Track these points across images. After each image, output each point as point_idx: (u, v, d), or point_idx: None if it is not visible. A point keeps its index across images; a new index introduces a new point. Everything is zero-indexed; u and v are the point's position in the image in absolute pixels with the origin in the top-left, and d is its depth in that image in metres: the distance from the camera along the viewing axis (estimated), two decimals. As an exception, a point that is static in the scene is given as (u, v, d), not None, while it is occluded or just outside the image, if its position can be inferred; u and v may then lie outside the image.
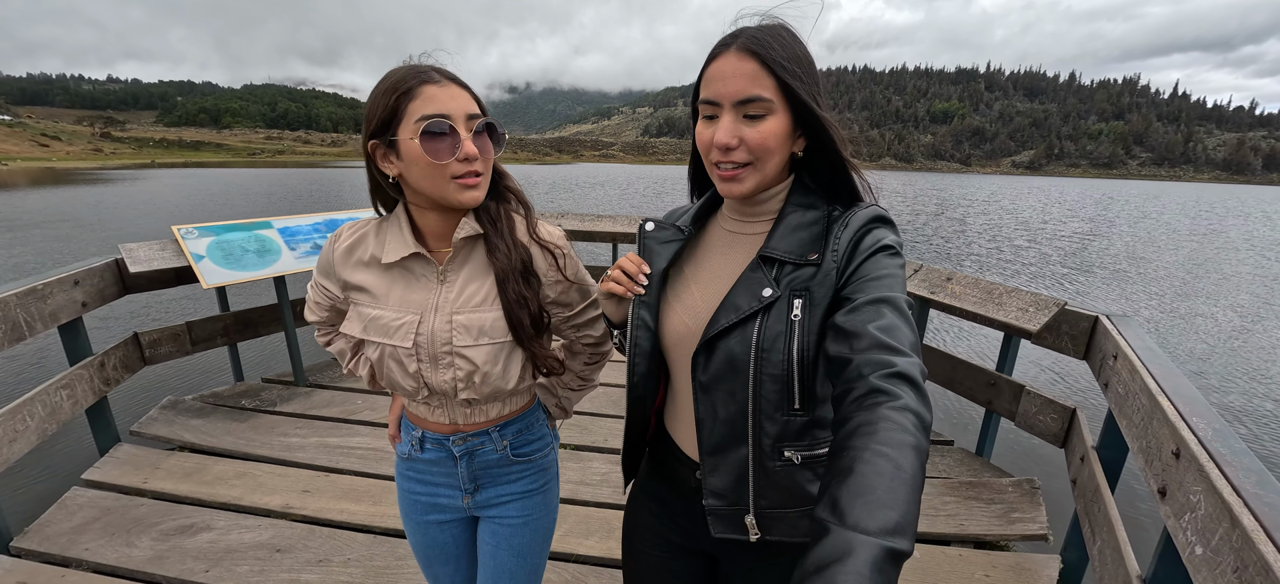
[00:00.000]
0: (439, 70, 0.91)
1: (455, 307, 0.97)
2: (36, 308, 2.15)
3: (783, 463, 0.82)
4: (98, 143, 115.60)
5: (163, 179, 40.88)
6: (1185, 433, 1.22)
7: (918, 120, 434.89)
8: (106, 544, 1.96)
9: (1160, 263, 13.04)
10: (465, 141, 0.88)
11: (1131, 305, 8.72)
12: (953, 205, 31.13)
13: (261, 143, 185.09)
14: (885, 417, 0.57)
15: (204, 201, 23.16)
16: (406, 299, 0.98)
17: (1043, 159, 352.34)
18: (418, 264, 0.99)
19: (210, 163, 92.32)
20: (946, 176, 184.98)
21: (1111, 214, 28.87)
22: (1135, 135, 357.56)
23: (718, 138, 0.78)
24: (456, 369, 0.97)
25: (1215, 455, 1.12)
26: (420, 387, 1.00)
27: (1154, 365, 1.58)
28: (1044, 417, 2.27)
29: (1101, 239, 17.47)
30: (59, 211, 17.49)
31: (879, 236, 0.76)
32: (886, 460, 0.52)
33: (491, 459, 1.09)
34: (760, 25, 0.79)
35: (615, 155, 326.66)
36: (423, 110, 0.86)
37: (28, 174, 46.60)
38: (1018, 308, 2.22)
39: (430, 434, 1.08)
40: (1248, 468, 1.08)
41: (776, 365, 0.78)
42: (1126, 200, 47.49)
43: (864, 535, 0.47)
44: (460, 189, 0.90)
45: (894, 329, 0.66)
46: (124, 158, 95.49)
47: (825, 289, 0.77)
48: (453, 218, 0.98)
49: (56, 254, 10.24)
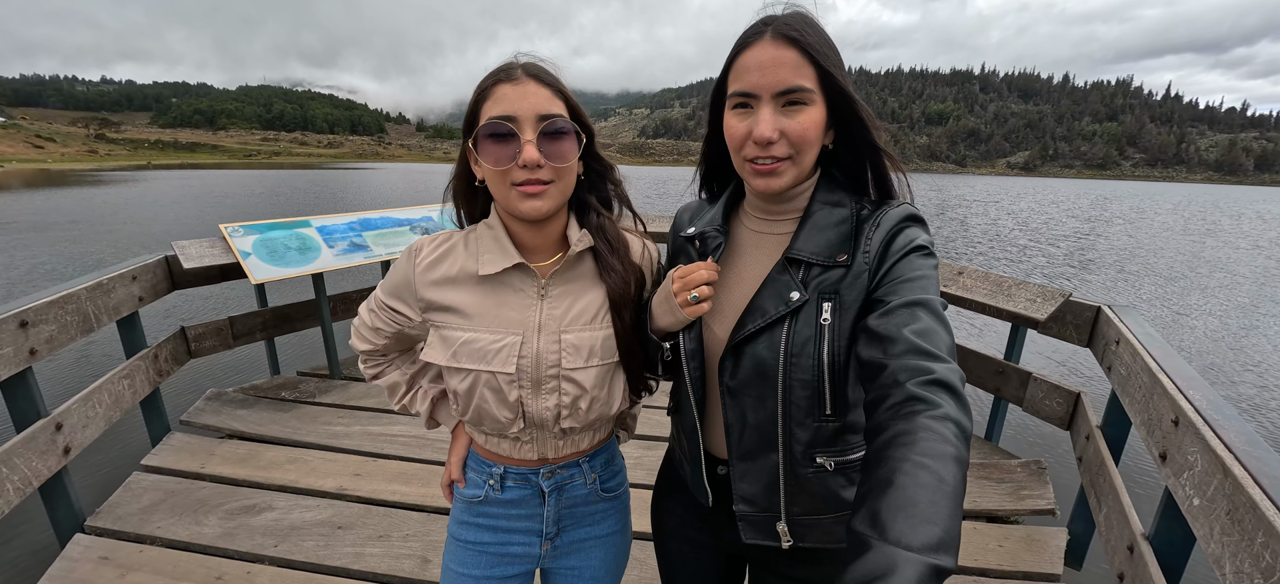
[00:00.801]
0: (526, 66, 0.85)
1: (563, 325, 0.89)
2: (103, 302, 2.28)
3: (815, 469, 0.80)
4: (93, 144, 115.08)
5: (163, 180, 40.77)
6: (1182, 404, 1.37)
7: (913, 122, 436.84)
8: (177, 522, 2.09)
9: (1162, 261, 13.27)
10: (527, 146, 0.80)
11: (1137, 300, 8.92)
12: (953, 206, 31.38)
13: (258, 144, 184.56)
14: (925, 426, 0.55)
15: (215, 202, 23.17)
16: (503, 318, 0.89)
17: (1037, 160, 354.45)
18: (517, 278, 0.90)
19: (206, 164, 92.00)
20: (942, 177, 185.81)
21: (1109, 214, 29.20)
22: (1129, 136, 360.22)
23: (760, 131, 0.74)
24: (562, 394, 0.89)
25: (1210, 420, 1.27)
26: (517, 417, 0.90)
27: (1153, 348, 1.74)
28: (1050, 401, 2.42)
29: (1102, 237, 17.72)
30: (68, 212, 17.50)
31: (912, 236, 0.74)
32: (928, 472, 0.51)
33: (580, 494, 1.01)
34: (790, 12, 0.76)
35: (612, 156, 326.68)
36: (491, 111, 0.82)
37: (22, 176, 46.38)
38: (1026, 299, 2.38)
39: (513, 470, 0.97)
40: (1238, 430, 1.22)
41: (806, 370, 0.76)
42: (1122, 200, 47.93)
43: (907, 552, 0.45)
44: (521, 197, 0.82)
45: (930, 333, 0.64)
46: (120, 159, 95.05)
47: (856, 292, 0.74)
48: (552, 225, 0.91)
49: (79, 257, 10.31)
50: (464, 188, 0.94)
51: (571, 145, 0.85)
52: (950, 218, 23.98)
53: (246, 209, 21.15)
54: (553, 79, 0.86)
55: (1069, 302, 2.29)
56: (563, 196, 0.87)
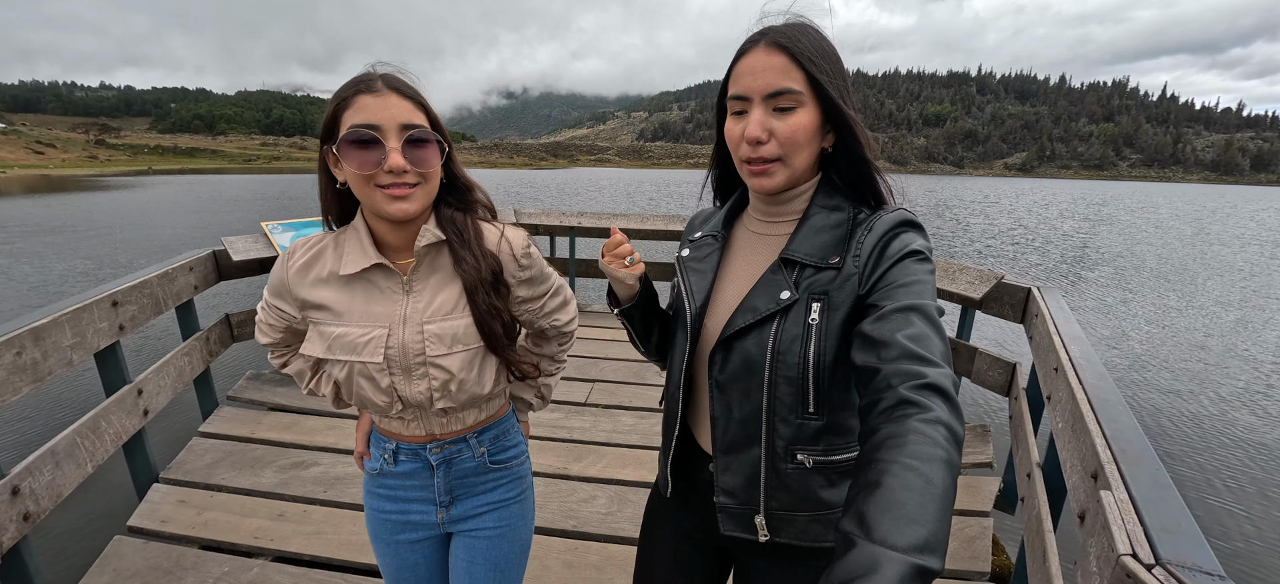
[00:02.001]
0: (386, 78, 0.90)
1: (425, 316, 0.96)
2: (168, 288, 2.63)
3: (795, 466, 0.82)
4: (93, 150, 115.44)
5: (168, 185, 41.00)
6: (1063, 355, 1.73)
7: (911, 123, 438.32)
8: (238, 474, 2.44)
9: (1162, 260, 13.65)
10: (392, 153, 0.86)
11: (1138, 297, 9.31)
12: (952, 206, 31.79)
13: (257, 149, 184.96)
14: (915, 429, 0.56)
15: (227, 205, 23.51)
16: (371, 313, 0.95)
17: (1034, 161, 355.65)
18: (380, 276, 0.97)
19: (206, 169, 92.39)
20: (940, 179, 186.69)
21: (1109, 214, 29.61)
22: (1125, 137, 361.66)
23: (748, 131, 0.78)
24: (431, 379, 0.96)
25: (1076, 363, 1.63)
26: (393, 401, 0.97)
27: (1058, 317, 2.09)
28: (992, 372, 2.77)
29: (1103, 238, 18.11)
30: (90, 218, 17.83)
31: (907, 241, 0.75)
32: (916, 474, 0.52)
33: (469, 467, 1.08)
34: (787, 23, 0.80)
35: (611, 159, 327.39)
36: (353, 120, 0.86)
37: (23, 181, 46.56)
38: (966, 281, 2.74)
39: (405, 445, 1.06)
40: (1094, 371, 1.58)
41: (792, 368, 0.78)
42: (1119, 201, 48.37)
43: (892, 551, 0.46)
44: (387, 199, 0.88)
45: (924, 338, 0.65)
46: (120, 165, 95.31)
47: (845, 294, 0.76)
48: (412, 226, 0.96)
49: (112, 259, 10.64)
50: (327, 191, 0.98)
51: (433, 153, 0.92)
52: (949, 218, 24.36)
53: (262, 211, 21.48)
54: (413, 91, 0.91)
55: (1002, 283, 2.65)
56: (428, 199, 0.94)
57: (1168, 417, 4.86)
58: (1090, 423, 1.31)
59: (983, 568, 1.99)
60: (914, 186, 10.61)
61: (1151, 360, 6.27)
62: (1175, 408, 5.02)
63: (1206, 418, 4.86)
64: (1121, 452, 1.14)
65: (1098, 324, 7.72)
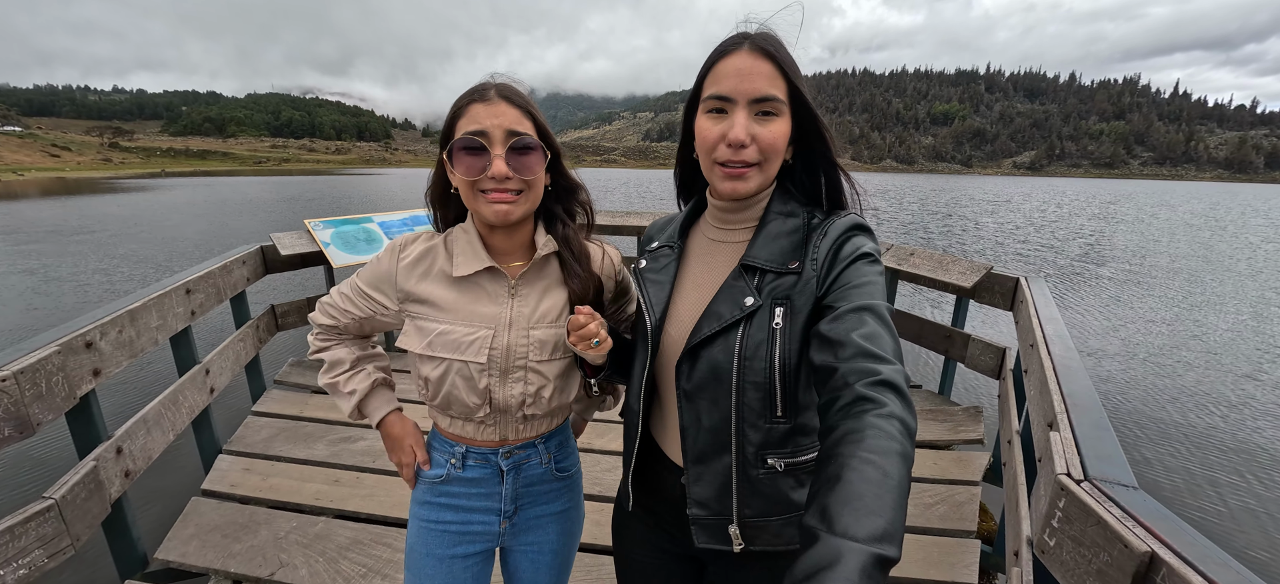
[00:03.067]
0: (499, 88, 0.94)
1: (531, 321, 0.99)
2: (226, 280, 2.89)
3: (766, 470, 0.83)
4: (107, 152, 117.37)
5: (188, 187, 41.39)
6: (1038, 333, 1.94)
7: (918, 122, 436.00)
8: (294, 447, 2.69)
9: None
10: (496, 160, 0.90)
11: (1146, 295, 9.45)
12: (963, 206, 31.80)
13: (267, 151, 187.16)
14: (871, 425, 0.58)
15: (245, 208, 23.97)
16: (477, 313, 0.98)
17: (1044, 160, 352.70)
18: (488, 279, 1.00)
19: (218, 171, 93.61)
20: (949, 178, 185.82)
21: (1121, 212, 29.53)
22: (1136, 135, 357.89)
23: (733, 134, 0.78)
24: (527, 384, 0.98)
25: (1048, 338, 1.84)
26: (484, 403, 0.98)
27: (1040, 302, 2.30)
28: (985, 357, 2.98)
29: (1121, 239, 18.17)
30: (121, 219, 18.30)
31: (858, 245, 0.78)
32: (873, 468, 0.54)
33: (536, 473, 1.09)
34: (764, 33, 0.81)
35: (617, 160, 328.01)
36: (465, 128, 0.91)
37: (40, 184, 47.42)
38: (959, 272, 2.94)
39: (475, 450, 1.05)
40: (1064, 345, 1.79)
41: (759, 373, 0.79)
42: (1129, 199, 48.08)
43: (852, 542, 0.48)
44: (489, 203, 0.92)
45: (877, 337, 0.68)
46: (134, 167, 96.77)
47: (805, 297, 0.78)
48: (520, 232, 1.00)
49: (153, 259, 11.01)
50: (440, 193, 1.03)
51: (537, 160, 0.95)
52: (959, 217, 24.41)
53: (282, 213, 21.92)
54: (522, 100, 0.95)
55: (991, 273, 2.85)
56: (530, 206, 0.96)
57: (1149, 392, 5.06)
58: (1052, 384, 1.52)
59: (970, 527, 2.20)
60: (922, 185, 10.71)
61: (1141, 348, 6.44)
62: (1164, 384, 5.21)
63: (1181, 393, 5.07)
64: (1074, 405, 1.36)
65: (1097, 315, 7.87)
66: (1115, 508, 0.95)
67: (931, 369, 4.62)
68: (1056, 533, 1.06)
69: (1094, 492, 1.01)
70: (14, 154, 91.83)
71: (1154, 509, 0.94)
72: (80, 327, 1.76)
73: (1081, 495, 1.00)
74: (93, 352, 1.78)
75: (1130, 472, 1.07)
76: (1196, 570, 0.79)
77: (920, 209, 29.52)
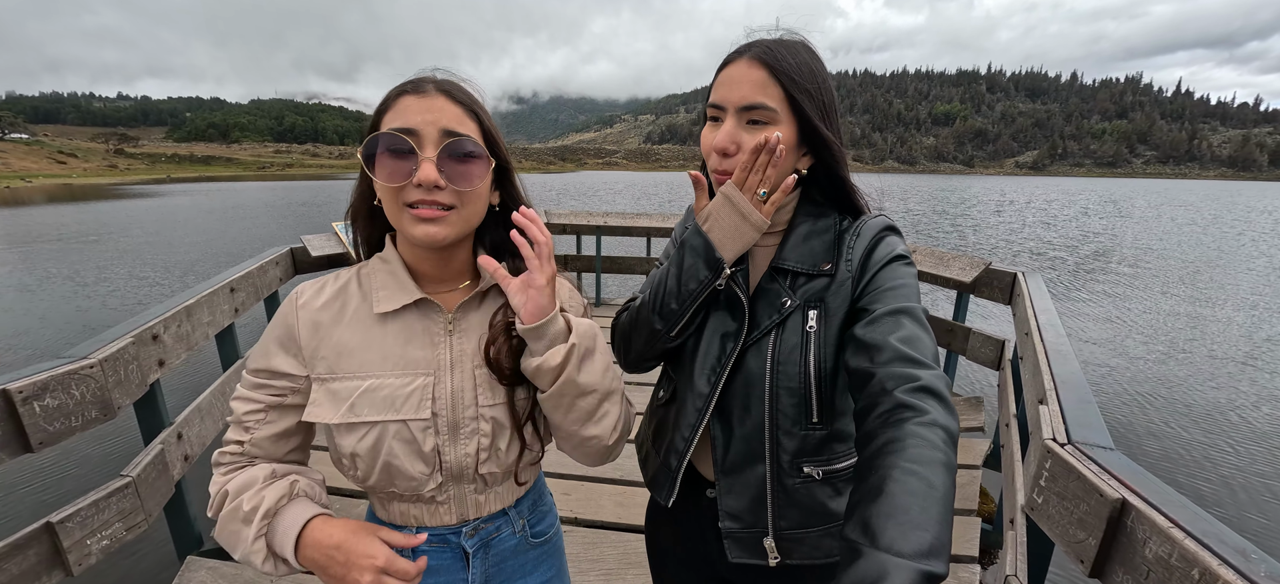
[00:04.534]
0: (438, 81, 0.78)
1: (477, 360, 0.81)
2: (262, 279, 3.05)
3: (802, 479, 0.80)
4: (113, 159, 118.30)
5: (189, 193, 41.54)
6: (1033, 322, 2.08)
7: (919, 123, 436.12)
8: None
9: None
10: (424, 164, 0.72)
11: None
12: (971, 207, 31.89)
13: (270, 156, 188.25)
14: (913, 433, 0.57)
15: (261, 212, 24.22)
16: (408, 358, 0.78)
17: (1046, 159, 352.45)
18: (418, 315, 0.81)
19: (222, 176, 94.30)
20: (951, 178, 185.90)
21: (1126, 210, 29.60)
22: (1139, 134, 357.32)
23: (716, 140, 0.78)
24: (480, 435, 0.80)
25: (1042, 326, 1.98)
26: (435, 471, 0.79)
27: (1035, 294, 2.44)
28: (985, 349, 3.11)
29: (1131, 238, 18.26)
30: (143, 224, 18.56)
31: (892, 246, 0.78)
32: (918, 479, 0.52)
33: (509, 546, 0.90)
34: (778, 39, 0.79)
35: (619, 162, 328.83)
36: (391, 123, 0.74)
37: (46, 191, 47.78)
38: (959, 267, 3.08)
39: (430, 532, 0.84)
40: (1056, 332, 1.93)
41: (793, 378, 0.78)
42: (1135, 197, 48.10)
43: (899, 558, 0.46)
44: (413, 221, 0.74)
45: (915, 340, 0.67)
46: (139, 173, 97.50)
47: (840, 299, 0.77)
48: (456, 256, 0.82)
49: (177, 264, 11.22)
50: (363, 207, 0.83)
51: (478, 170, 0.76)
52: (968, 220, 24.51)
53: (300, 217, 22.15)
54: (467, 97, 0.79)
55: (989, 269, 2.99)
56: (464, 227, 0.78)
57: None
58: (1043, 366, 1.66)
59: (970, 507, 2.34)
60: (924, 186, 10.80)
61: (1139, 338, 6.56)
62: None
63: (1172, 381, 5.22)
64: (1062, 383, 1.50)
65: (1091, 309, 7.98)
66: (1093, 465, 1.09)
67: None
68: (1043, 491, 1.20)
69: (1075, 452, 1.16)
70: (21, 161, 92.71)
71: (1126, 465, 1.08)
72: (147, 321, 1.92)
73: (1064, 456, 1.14)
74: (158, 343, 1.93)
75: (1108, 436, 1.21)
76: (1160, 512, 0.93)
77: (929, 209, 29.66)
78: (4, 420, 1.33)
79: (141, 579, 2.55)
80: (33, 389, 1.39)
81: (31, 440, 1.38)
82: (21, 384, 1.36)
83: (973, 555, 2.12)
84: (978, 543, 2.18)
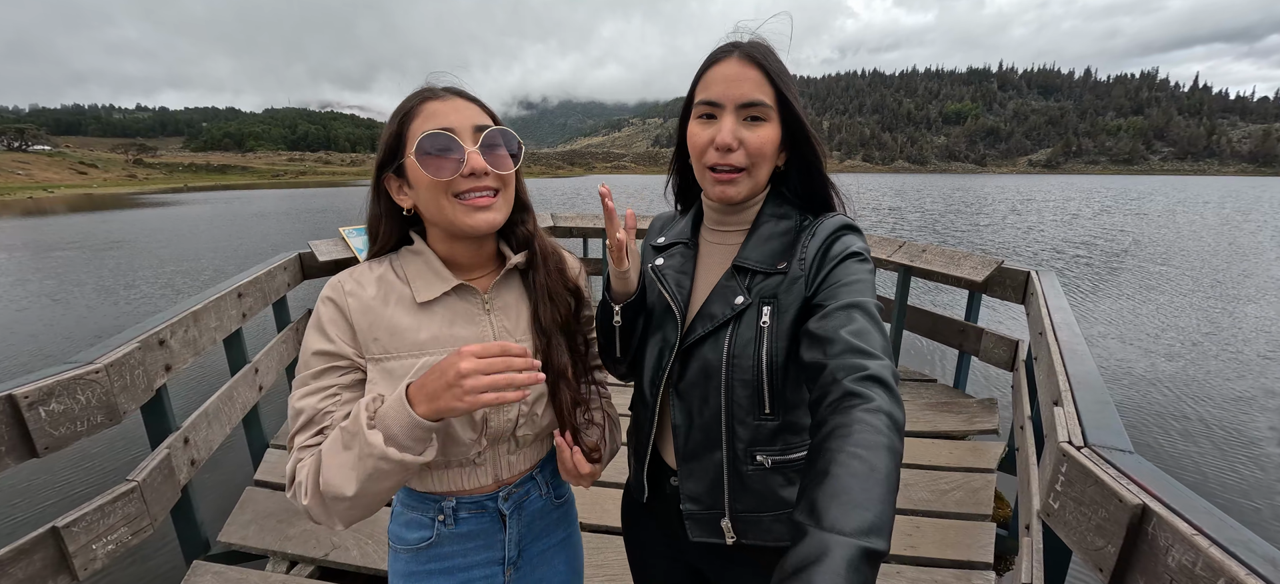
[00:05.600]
0: (449, 86, 0.85)
1: (516, 335, 0.91)
2: (270, 285, 3.07)
3: (755, 467, 0.85)
4: (132, 169, 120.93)
5: (208, 202, 42.07)
6: (1047, 321, 2.02)
7: (930, 122, 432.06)
8: (336, 442, 2.84)
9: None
10: (472, 154, 0.80)
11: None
12: (987, 205, 31.48)
13: (284, 164, 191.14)
14: (859, 419, 0.59)
15: (280, 219, 24.58)
16: (455, 336, 0.86)
17: (1060, 157, 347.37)
18: (457, 299, 0.89)
19: (238, 185, 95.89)
20: (964, 178, 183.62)
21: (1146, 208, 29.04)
22: (1156, 130, 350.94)
23: (721, 138, 0.80)
24: (521, 403, 0.89)
25: (1056, 325, 1.92)
26: (480, 436, 0.87)
27: (1049, 293, 2.38)
28: (998, 349, 3.05)
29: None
30: (171, 231, 18.92)
31: (847, 244, 0.80)
32: (861, 462, 0.55)
33: (537, 507, 1.00)
34: (755, 41, 0.83)
35: (627, 166, 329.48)
36: (423, 127, 0.80)
37: (68, 201, 48.81)
38: (970, 266, 3.02)
39: (466, 500, 0.92)
40: (1071, 331, 1.87)
41: (747, 371, 0.81)
42: (1155, 195, 47.16)
43: (840, 536, 0.49)
44: (469, 211, 0.81)
45: (865, 333, 0.69)
46: (157, 182, 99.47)
47: (793, 296, 0.80)
48: (487, 242, 0.91)
49: (197, 272, 11.41)
50: (388, 221, 0.89)
51: (507, 158, 0.85)
52: (989, 215, 24.20)
53: (317, 222, 22.42)
54: (477, 98, 0.87)
55: (1002, 268, 2.93)
56: (509, 208, 0.87)
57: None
58: (1058, 366, 1.61)
59: (985, 512, 2.28)
60: (937, 185, 10.57)
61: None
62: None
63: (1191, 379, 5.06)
64: (1078, 384, 1.45)
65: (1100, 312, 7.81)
66: (1111, 468, 1.05)
67: (946, 363, 4.69)
68: (1060, 496, 1.16)
69: (1093, 455, 1.11)
70: (44, 172, 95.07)
71: (1147, 469, 1.04)
72: (154, 326, 1.93)
73: (1081, 460, 1.10)
74: (165, 348, 1.94)
75: (1127, 438, 1.17)
76: (1184, 518, 0.89)
77: (944, 208, 29.30)
78: (9, 425, 1.34)
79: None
80: (38, 394, 1.39)
81: (36, 445, 1.39)
82: (27, 389, 1.37)
83: (988, 562, 2.07)
84: (992, 549, 2.12)
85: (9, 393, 1.33)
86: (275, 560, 2.13)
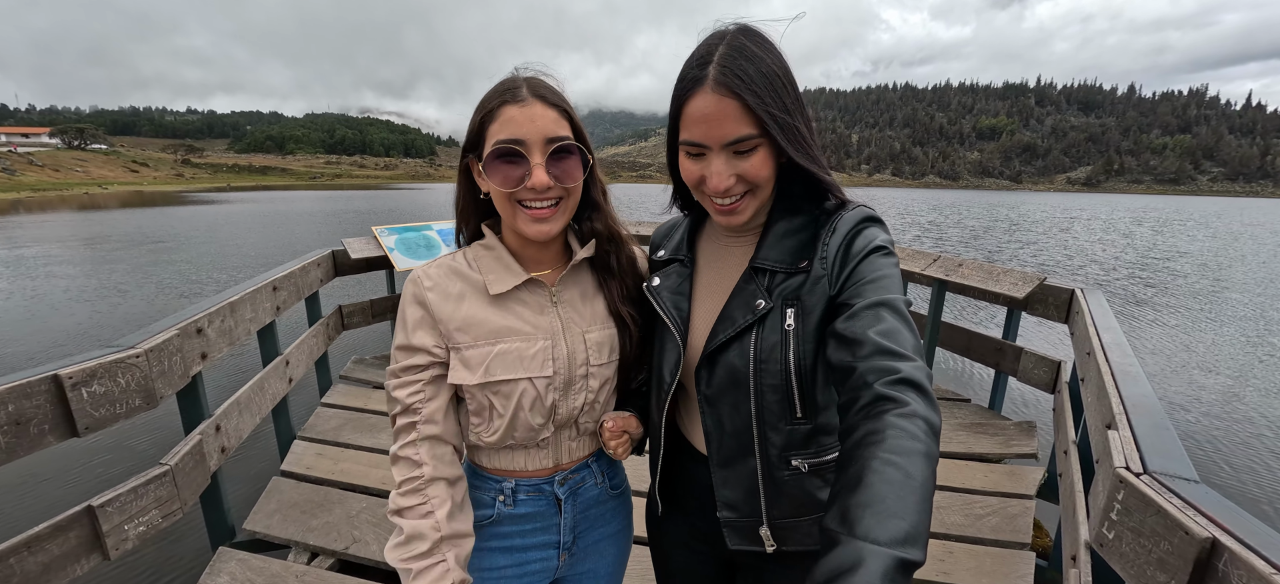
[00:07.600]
0: (531, 83, 0.86)
1: (585, 326, 0.94)
2: (304, 280, 3.14)
3: (791, 472, 0.82)
4: (180, 168, 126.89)
5: (252, 201, 43.52)
6: (1095, 342, 1.92)
7: (963, 137, 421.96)
8: (361, 435, 2.88)
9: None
10: (536, 170, 0.83)
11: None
12: (1026, 225, 30.53)
13: (321, 167, 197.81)
14: (893, 424, 0.57)
15: (319, 219, 25.42)
16: (526, 328, 0.91)
17: (1101, 175, 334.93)
18: (527, 291, 0.93)
19: (277, 185, 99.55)
20: (999, 194, 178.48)
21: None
22: (1205, 149, 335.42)
23: (714, 185, 0.77)
24: (588, 390, 0.93)
25: (1105, 346, 1.82)
26: (548, 422, 0.92)
27: (1097, 313, 2.26)
28: (1038, 370, 2.92)
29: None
30: (219, 226, 19.78)
31: (871, 238, 0.77)
32: (895, 469, 0.53)
33: (592, 496, 1.02)
34: (729, 47, 0.75)
35: (653, 176, 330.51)
36: (499, 134, 0.83)
37: (120, 197, 51.28)
38: (1010, 283, 2.90)
39: (526, 482, 0.96)
40: (1123, 352, 1.77)
41: (774, 375, 0.79)
42: (1219, 217, 45.05)
43: (875, 545, 0.47)
44: (528, 220, 0.86)
45: (895, 333, 0.66)
46: (203, 182, 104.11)
47: (817, 296, 0.77)
48: (554, 239, 0.94)
49: (230, 265, 11.89)
50: (468, 203, 0.95)
51: (577, 166, 0.87)
52: (1043, 233, 23.42)
53: (345, 225, 23.11)
54: (558, 99, 0.87)
55: (1045, 285, 2.80)
56: (569, 215, 0.90)
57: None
58: (1110, 388, 1.52)
59: (1023, 540, 2.17)
60: (967, 202, 10.06)
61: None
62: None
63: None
64: (1132, 406, 1.36)
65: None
66: (1175, 498, 0.97)
67: (981, 383, 4.51)
68: (1115, 526, 1.08)
69: (1154, 483, 1.03)
70: (100, 169, 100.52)
71: (1215, 500, 0.96)
72: (192, 315, 1.98)
73: (1140, 487, 1.02)
74: (202, 337, 1.99)
75: (1191, 466, 1.08)
76: (1260, 555, 0.81)
77: (982, 224, 28.49)
78: (53, 404, 1.38)
79: (174, 568, 2.63)
80: (81, 376, 1.43)
81: (78, 425, 1.43)
82: (71, 370, 1.41)
83: (1026, 592, 1.96)
84: (1032, 580, 2.01)
85: (54, 373, 1.37)
86: (298, 551, 2.15)
